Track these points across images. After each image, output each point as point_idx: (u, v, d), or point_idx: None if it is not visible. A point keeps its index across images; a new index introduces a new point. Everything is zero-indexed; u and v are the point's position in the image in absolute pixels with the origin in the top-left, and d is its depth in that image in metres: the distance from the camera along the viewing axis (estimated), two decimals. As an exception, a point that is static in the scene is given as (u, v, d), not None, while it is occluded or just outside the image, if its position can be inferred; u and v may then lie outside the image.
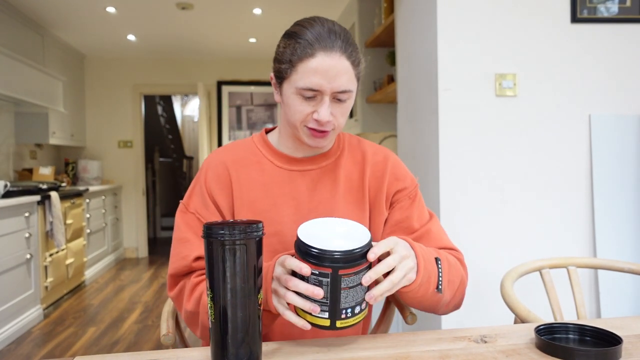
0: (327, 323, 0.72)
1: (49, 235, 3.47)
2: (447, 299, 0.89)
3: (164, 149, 7.49)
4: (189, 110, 8.57)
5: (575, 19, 1.91)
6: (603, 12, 1.93)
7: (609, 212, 1.93)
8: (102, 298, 3.94)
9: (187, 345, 1.07)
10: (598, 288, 1.92)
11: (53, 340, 2.98)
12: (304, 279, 0.72)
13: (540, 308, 1.55)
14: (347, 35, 0.88)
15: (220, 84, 5.62)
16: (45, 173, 4.10)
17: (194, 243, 0.92)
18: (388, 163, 1.02)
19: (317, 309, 0.71)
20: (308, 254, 0.71)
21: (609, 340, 0.75)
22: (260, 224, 0.68)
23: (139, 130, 5.50)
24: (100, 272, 4.78)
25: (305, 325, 0.73)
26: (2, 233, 2.84)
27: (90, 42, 4.81)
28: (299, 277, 0.73)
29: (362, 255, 0.72)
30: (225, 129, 5.66)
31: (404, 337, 0.82)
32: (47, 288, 3.45)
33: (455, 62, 1.89)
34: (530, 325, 0.87)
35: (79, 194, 4.12)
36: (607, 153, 1.94)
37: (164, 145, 7.50)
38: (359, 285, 0.72)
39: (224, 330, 0.67)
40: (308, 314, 0.73)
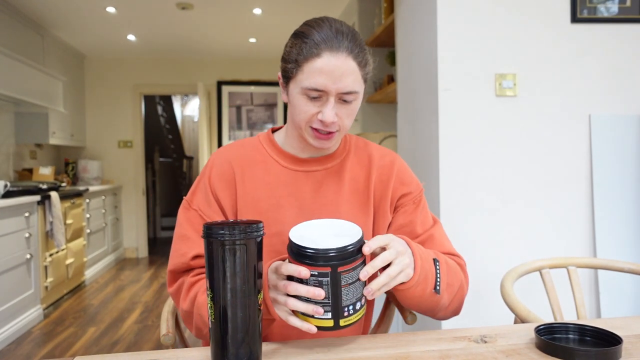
0: (330, 323, 0.72)
1: (49, 235, 3.47)
2: (445, 303, 0.88)
3: (164, 149, 7.49)
4: (189, 110, 8.57)
5: (575, 19, 1.91)
6: (603, 12, 1.93)
7: (609, 212, 1.93)
8: (102, 298, 3.94)
9: (187, 345, 1.07)
10: (598, 288, 1.92)
11: (53, 340, 2.98)
12: (303, 282, 0.71)
13: (540, 308, 1.55)
14: (354, 36, 0.87)
15: (220, 84, 5.62)
16: (45, 173, 4.10)
17: (194, 241, 0.92)
18: (394, 167, 1.01)
19: (320, 311, 0.71)
20: (304, 256, 0.71)
21: (609, 340, 0.75)
22: (261, 224, 0.68)
23: (139, 130, 5.50)
24: (100, 272, 4.78)
25: (312, 329, 0.72)
26: (2, 233, 2.84)
27: (90, 42, 4.81)
28: (297, 280, 0.72)
29: (357, 250, 0.72)
30: (225, 129, 5.66)
31: (404, 337, 0.82)
32: (47, 288, 3.45)
33: (455, 62, 1.89)
34: (530, 325, 0.87)
35: (79, 194, 4.12)
36: (607, 153, 1.94)
37: (164, 145, 7.49)
38: (358, 281, 0.72)
39: (224, 330, 0.67)
40: (310, 317, 0.72)
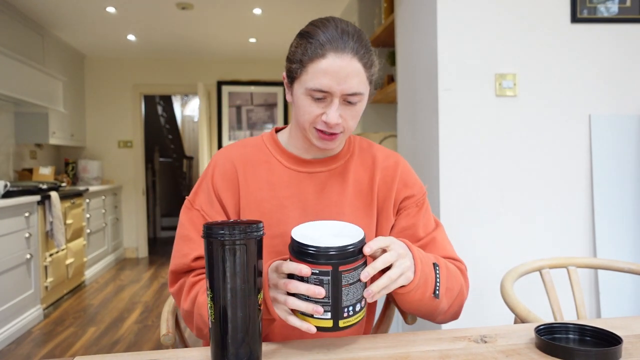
0: (330, 324, 0.72)
1: (49, 235, 3.47)
2: (444, 307, 0.88)
3: (164, 149, 7.49)
4: (189, 110, 8.57)
5: (575, 19, 1.91)
6: (603, 12, 1.93)
7: (609, 212, 1.93)
8: (102, 298, 3.94)
9: (187, 345, 1.07)
10: (598, 288, 1.92)
11: (53, 340, 2.98)
12: (304, 281, 0.71)
13: (540, 308, 1.55)
14: (360, 37, 0.86)
15: (220, 84, 5.62)
16: (45, 173, 4.10)
17: (196, 242, 0.92)
18: (398, 168, 1.00)
19: (320, 310, 0.70)
20: (305, 254, 0.71)
21: (609, 340, 0.75)
22: (261, 224, 0.68)
23: (139, 130, 5.50)
24: (100, 272, 4.78)
25: (311, 329, 0.72)
26: (2, 233, 2.84)
27: (90, 42, 4.81)
28: (298, 279, 0.72)
29: (359, 251, 0.72)
30: (225, 129, 5.66)
31: (404, 337, 0.82)
32: (47, 288, 3.45)
33: (455, 62, 1.89)
34: (530, 325, 0.87)
35: (79, 194, 4.12)
36: (607, 153, 1.94)
37: (164, 145, 7.49)
38: (358, 282, 0.72)
39: (224, 330, 0.67)
40: (310, 317, 0.72)
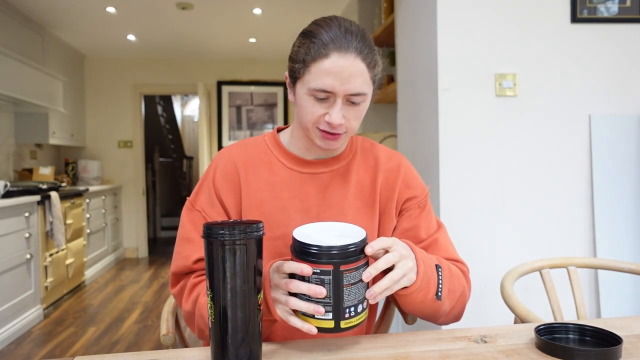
0: (331, 324, 0.71)
1: (49, 235, 3.47)
2: (446, 309, 0.87)
3: (164, 149, 7.49)
4: (189, 110, 8.58)
5: (575, 19, 1.91)
6: (603, 12, 1.93)
7: (609, 212, 1.93)
8: (102, 298, 3.94)
9: (187, 345, 1.07)
10: (598, 288, 1.92)
11: (53, 340, 2.98)
12: (305, 280, 0.71)
13: (540, 308, 1.55)
14: (364, 36, 0.85)
15: (220, 84, 5.62)
16: (45, 173, 4.10)
17: (197, 243, 0.91)
18: (401, 170, 1.00)
19: (321, 310, 0.70)
20: (307, 253, 0.71)
21: (609, 340, 0.75)
22: (261, 224, 0.68)
23: (139, 130, 5.50)
24: (100, 272, 4.78)
25: (312, 330, 0.71)
26: (2, 233, 2.84)
27: (90, 42, 4.81)
28: (299, 279, 0.72)
29: (360, 250, 0.72)
30: (225, 129, 5.66)
31: (404, 337, 0.82)
32: (47, 288, 3.45)
33: (455, 62, 1.89)
34: (530, 325, 0.87)
35: (79, 194, 4.12)
36: (607, 153, 1.94)
37: (164, 145, 7.49)
38: (360, 282, 0.72)
39: (224, 330, 0.67)
40: (311, 318, 0.72)
